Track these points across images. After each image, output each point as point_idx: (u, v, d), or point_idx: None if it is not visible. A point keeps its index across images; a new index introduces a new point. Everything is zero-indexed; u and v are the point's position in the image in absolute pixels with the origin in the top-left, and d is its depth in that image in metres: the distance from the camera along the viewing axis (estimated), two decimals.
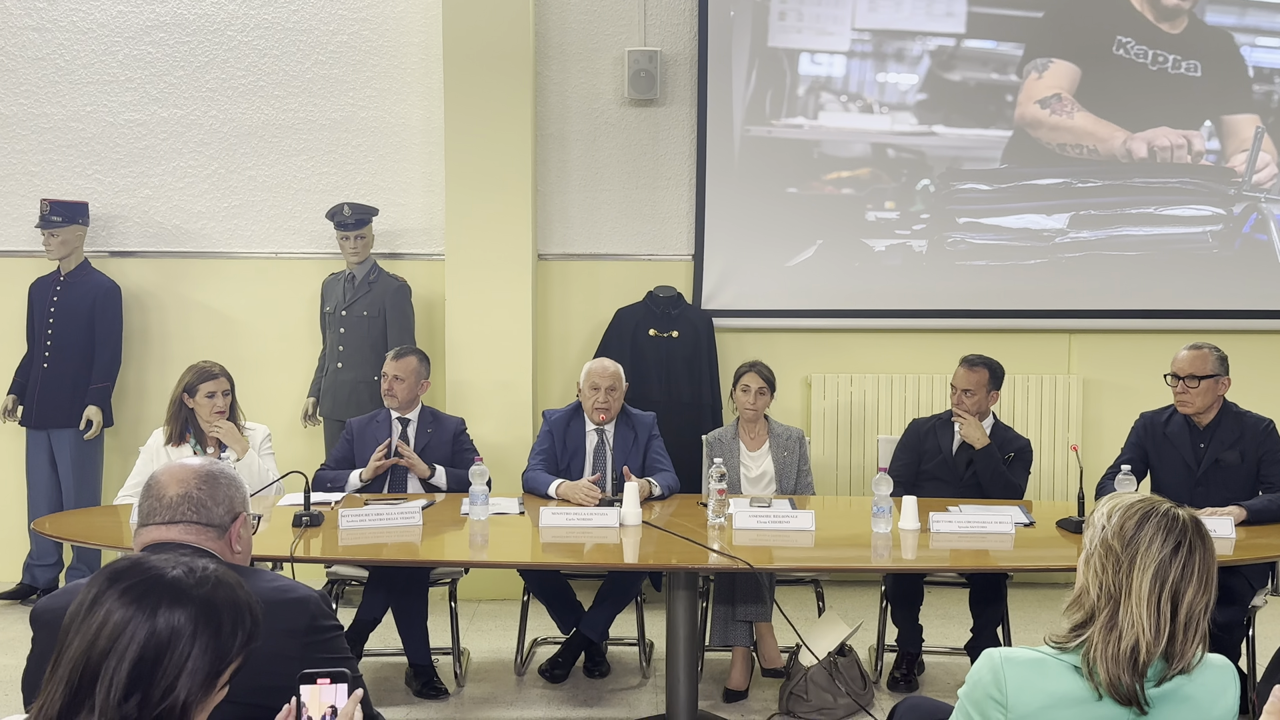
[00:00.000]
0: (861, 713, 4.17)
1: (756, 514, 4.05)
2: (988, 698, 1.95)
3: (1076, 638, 1.96)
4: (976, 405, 4.68)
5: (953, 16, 5.84)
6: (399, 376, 4.75)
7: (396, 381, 4.75)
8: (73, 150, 5.90)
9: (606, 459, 4.71)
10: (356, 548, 3.84)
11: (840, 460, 5.91)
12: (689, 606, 3.98)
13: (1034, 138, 5.88)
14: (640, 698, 4.46)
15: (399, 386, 4.75)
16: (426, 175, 5.89)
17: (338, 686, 1.78)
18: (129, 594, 1.56)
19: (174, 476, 2.18)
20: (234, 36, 5.88)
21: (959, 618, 4.95)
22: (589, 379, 4.73)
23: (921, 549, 3.85)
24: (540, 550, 4.00)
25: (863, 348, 5.99)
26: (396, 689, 4.50)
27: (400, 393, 4.75)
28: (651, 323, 5.70)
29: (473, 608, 5.52)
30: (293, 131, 5.91)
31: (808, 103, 5.88)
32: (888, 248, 5.92)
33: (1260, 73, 5.90)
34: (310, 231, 5.92)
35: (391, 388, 4.75)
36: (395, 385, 4.75)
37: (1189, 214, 5.92)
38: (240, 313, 5.94)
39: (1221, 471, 4.34)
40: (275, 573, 2.40)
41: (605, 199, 5.95)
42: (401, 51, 5.88)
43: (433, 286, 5.84)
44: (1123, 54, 5.85)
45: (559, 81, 5.90)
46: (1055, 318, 5.95)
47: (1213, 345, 4.39)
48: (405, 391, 4.76)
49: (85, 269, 5.66)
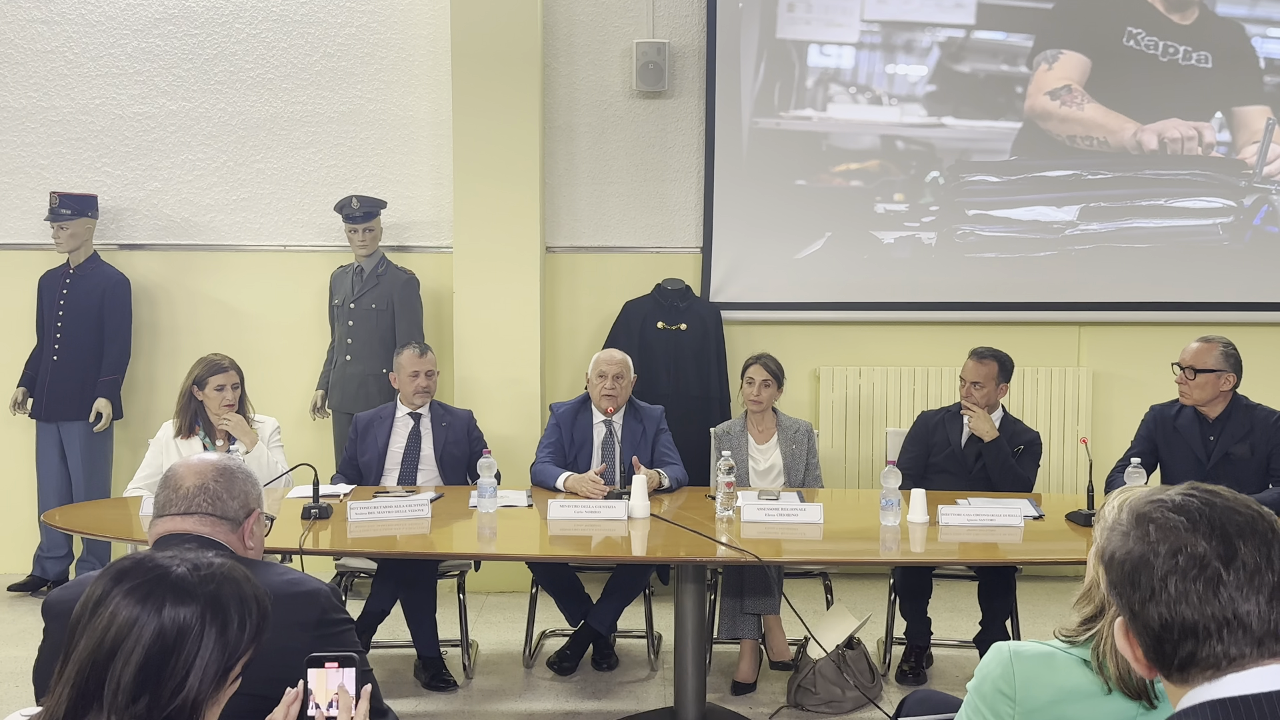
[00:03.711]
0: (870, 705, 4.17)
1: (765, 507, 4.05)
2: (996, 691, 1.95)
3: (1086, 631, 1.96)
4: (985, 398, 4.67)
5: (962, 8, 5.82)
6: (431, 371, 4.77)
7: (430, 377, 4.77)
8: (82, 143, 5.90)
9: (615, 452, 4.71)
10: (365, 540, 3.85)
11: (849, 453, 5.91)
12: (697, 599, 3.98)
13: (1044, 129, 5.86)
14: (648, 690, 4.46)
15: (433, 382, 4.79)
16: (435, 168, 5.89)
17: (345, 670, 1.78)
18: (135, 593, 1.55)
19: (192, 469, 2.22)
20: (242, 29, 5.88)
21: (968, 611, 4.94)
22: (596, 367, 4.74)
23: (930, 542, 3.85)
24: (548, 543, 4.01)
25: (871, 340, 5.98)
26: (405, 681, 4.51)
27: (434, 388, 4.78)
28: (660, 315, 5.70)
29: (481, 600, 5.53)
30: (301, 124, 5.91)
31: (816, 95, 5.86)
32: (897, 240, 5.91)
33: (1271, 64, 5.87)
34: (319, 224, 5.92)
35: (428, 385, 4.76)
36: (430, 381, 4.77)
37: (1199, 206, 5.90)
38: (249, 305, 5.95)
39: (1231, 465, 4.33)
40: (286, 565, 2.41)
41: (613, 191, 5.95)
42: (410, 44, 5.88)
43: (441, 279, 5.84)
44: (1133, 45, 5.82)
45: (567, 74, 5.89)
46: (1065, 310, 5.93)
47: (1226, 341, 4.37)
48: (435, 386, 4.79)
49: (94, 262, 5.67)
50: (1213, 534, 1.39)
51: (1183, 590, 1.37)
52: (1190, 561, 1.38)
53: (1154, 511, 1.44)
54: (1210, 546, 1.38)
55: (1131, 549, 1.42)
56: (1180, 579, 1.37)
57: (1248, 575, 1.36)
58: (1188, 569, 1.37)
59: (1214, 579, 1.36)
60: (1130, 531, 1.44)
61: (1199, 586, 1.37)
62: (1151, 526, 1.42)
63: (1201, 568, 1.37)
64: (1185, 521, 1.41)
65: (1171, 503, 1.44)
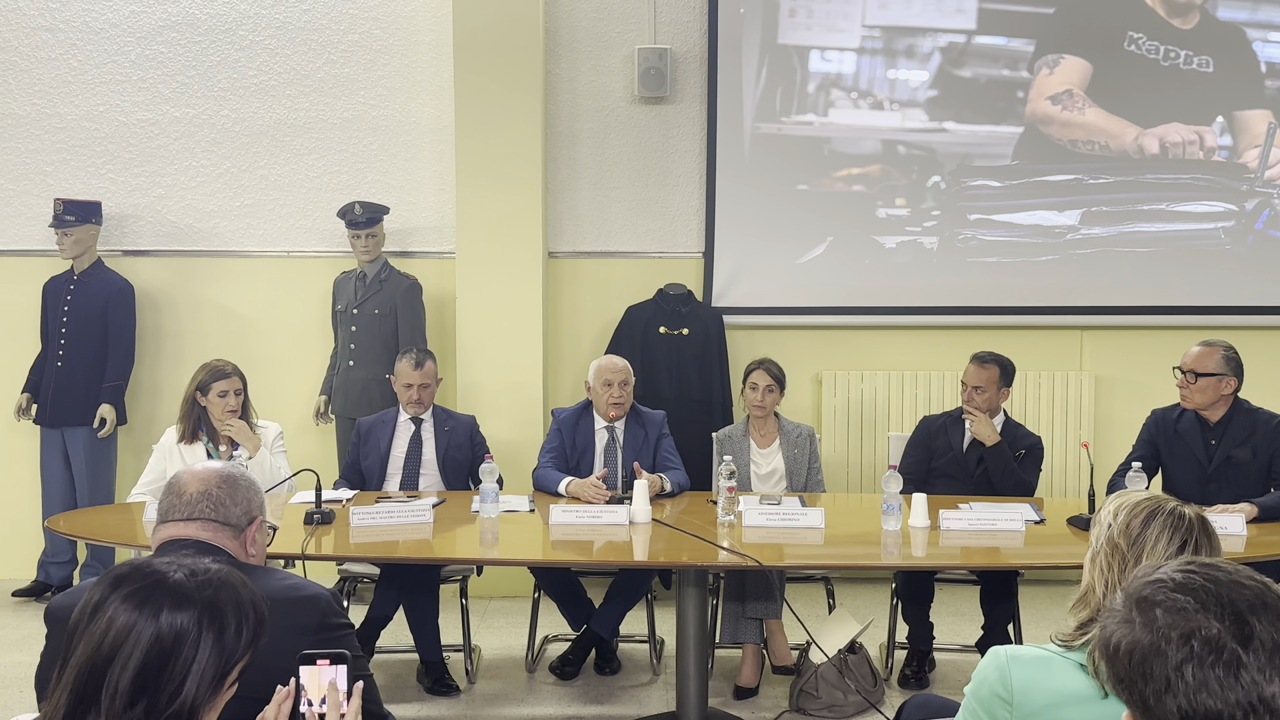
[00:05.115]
0: (872, 710, 4.17)
1: (766, 511, 4.05)
2: (993, 695, 1.95)
3: (1082, 635, 1.96)
4: (987, 402, 4.68)
5: (963, 13, 5.83)
6: (425, 384, 4.77)
7: (424, 390, 4.77)
8: (85, 150, 5.92)
9: (617, 457, 4.72)
10: (368, 545, 3.85)
11: (851, 458, 5.91)
12: (699, 604, 3.98)
13: (1045, 134, 5.87)
14: (651, 695, 4.47)
15: (426, 394, 4.78)
16: (437, 173, 5.91)
17: (337, 668, 1.78)
18: (132, 598, 1.56)
19: (195, 476, 2.24)
20: (245, 36, 5.90)
21: (970, 615, 4.94)
22: (600, 376, 4.73)
23: (932, 546, 3.85)
24: (550, 548, 4.01)
25: (873, 345, 5.99)
26: (408, 686, 4.51)
27: (428, 399, 4.78)
28: (662, 320, 5.71)
29: (484, 605, 5.54)
30: (304, 130, 5.93)
31: (818, 100, 5.88)
32: (898, 245, 5.91)
33: (1272, 68, 5.87)
34: (322, 230, 5.94)
35: (420, 397, 4.76)
36: (423, 394, 4.77)
37: (1201, 210, 5.90)
38: (252, 311, 5.96)
39: (1233, 468, 4.33)
40: (286, 571, 2.42)
41: (616, 196, 5.96)
42: (412, 50, 5.90)
43: (444, 284, 5.85)
44: (1134, 50, 5.83)
45: (569, 79, 5.90)
46: (1067, 314, 5.93)
47: (1227, 345, 4.37)
48: (430, 397, 4.79)
49: (98, 268, 5.69)
50: (1224, 613, 1.29)
51: (1201, 678, 1.26)
52: (1205, 646, 1.27)
53: (1156, 594, 1.33)
54: (1224, 627, 1.28)
55: (1138, 638, 1.31)
56: (1197, 666, 1.26)
57: (1267, 655, 1.27)
58: (1204, 654, 1.27)
59: (1233, 662, 1.26)
60: (1133, 619, 1.33)
61: (1218, 672, 1.26)
62: (1158, 611, 1.31)
63: (1218, 651, 1.27)
64: (1193, 602, 1.30)
65: (1173, 582, 1.33)
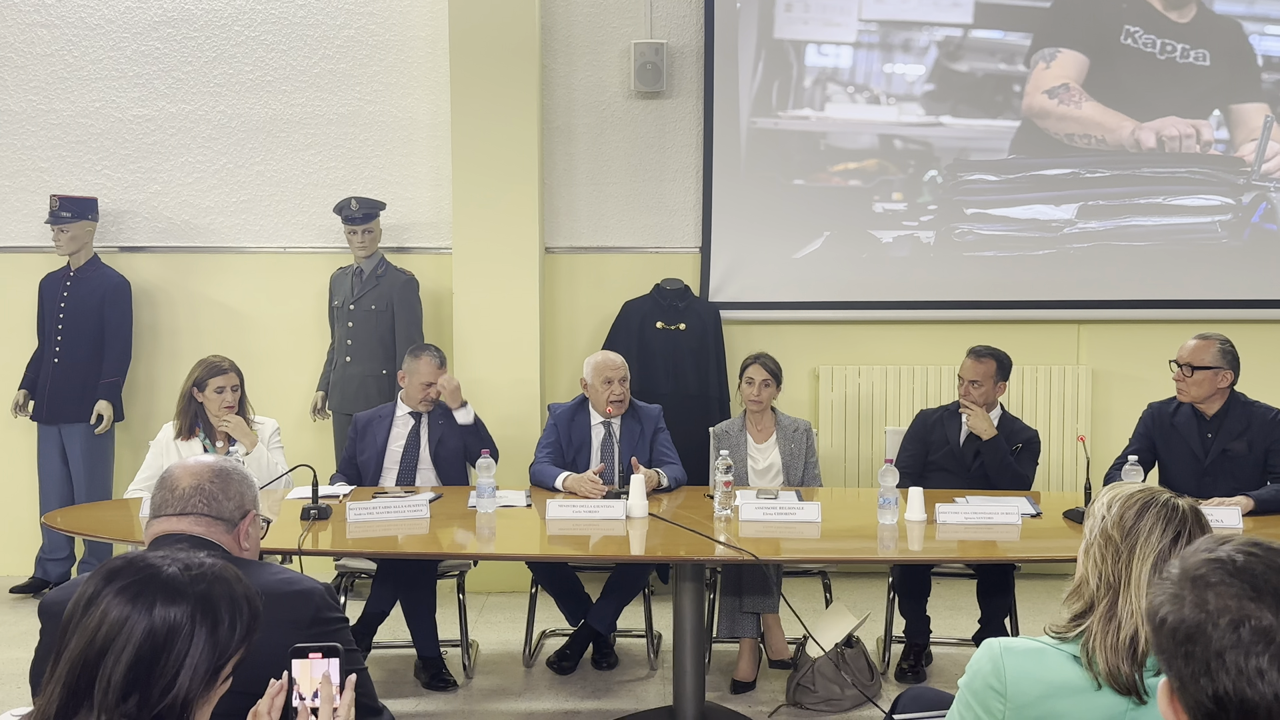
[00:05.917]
0: (868, 704, 4.18)
1: (763, 506, 4.06)
2: (987, 687, 1.96)
3: (1076, 627, 1.97)
4: (984, 396, 4.68)
5: (959, 7, 5.82)
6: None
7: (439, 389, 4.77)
8: (81, 146, 5.92)
9: (613, 451, 4.72)
10: (365, 540, 3.86)
11: (848, 452, 5.91)
12: (696, 598, 3.99)
13: (1042, 128, 5.87)
14: (648, 689, 4.47)
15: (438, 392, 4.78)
16: (434, 169, 5.91)
17: (330, 661, 1.78)
18: (125, 592, 1.56)
19: (188, 470, 2.24)
20: (241, 31, 5.90)
21: (966, 609, 4.95)
22: (599, 373, 4.73)
23: (928, 540, 3.86)
24: (547, 543, 4.02)
25: (870, 339, 5.99)
26: (405, 681, 4.52)
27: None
28: (659, 315, 5.71)
29: (481, 600, 5.54)
30: (300, 126, 5.92)
31: (814, 94, 5.87)
32: (895, 239, 5.91)
33: (1269, 61, 5.87)
34: (318, 226, 5.93)
35: (437, 395, 4.76)
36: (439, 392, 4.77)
37: (1198, 204, 5.90)
38: (249, 307, 5.96)
39: (1229, 461, 4.33)
40: (281, 565, 2.42)
41: (612, 192, 5.96)
42: (408, 46, 5.89)
43: (440, 280, 5.85)
44: (1131, 43, 5.83)
45: (565, 75, 5.90)
46: (1063, 308, 5.94)
47: (1224, 338, 4.37)
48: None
49: (95, 264, 5.69)
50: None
51: (1244, 667, 1.21)
52: (1255, 635, 1.21)
53: (1211, 575, 1.27)
54: (1277, 619, 1.22)
55: (1185, 616, 1.26)
56: (1243, 655, 1.21)
57: None
58: (1252, 644, 1.21)
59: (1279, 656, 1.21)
60: (1184, 595, 1.27)
61: (1263, 663, 1.20)
62: (1211, 594, 1.25)
63: (1267, 643, 1.21)
64: (1249, 589, 1.24)
65: (1232, 564, 1.27)
